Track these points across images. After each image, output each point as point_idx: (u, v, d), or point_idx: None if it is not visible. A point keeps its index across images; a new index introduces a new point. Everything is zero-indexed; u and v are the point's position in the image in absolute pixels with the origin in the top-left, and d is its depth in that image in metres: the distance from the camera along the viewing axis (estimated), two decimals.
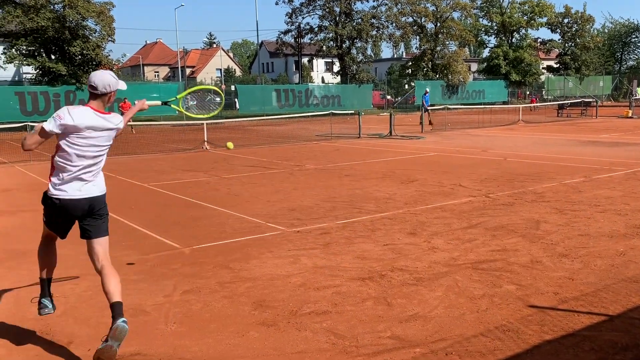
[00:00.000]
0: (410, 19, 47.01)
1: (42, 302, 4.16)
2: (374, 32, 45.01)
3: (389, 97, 53.06)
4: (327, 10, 43.75)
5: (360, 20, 43.79)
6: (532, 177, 11.09)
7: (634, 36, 63.03)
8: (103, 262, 4.01)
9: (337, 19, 43.93)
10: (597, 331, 4.09)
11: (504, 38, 52.91)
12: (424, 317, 4.41)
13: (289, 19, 45.42)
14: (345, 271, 5.57)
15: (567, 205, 8.37)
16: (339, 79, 47.96)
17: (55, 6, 30.90)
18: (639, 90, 40.40)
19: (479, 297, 4.79)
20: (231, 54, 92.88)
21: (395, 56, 76.89)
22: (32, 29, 29.94)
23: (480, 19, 54.21)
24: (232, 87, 46.74)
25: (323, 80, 66.57)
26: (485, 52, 61.30)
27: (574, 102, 37.10)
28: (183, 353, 3.92)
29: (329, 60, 61.82)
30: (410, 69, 50.58)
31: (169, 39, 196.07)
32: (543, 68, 56.07)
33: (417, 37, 50.14)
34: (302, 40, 46.94)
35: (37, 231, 7.84)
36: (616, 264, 5.60)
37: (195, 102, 4.89)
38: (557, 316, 4.36)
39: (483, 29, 54.99)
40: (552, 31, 54.93)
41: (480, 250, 6.17)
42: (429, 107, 28.08)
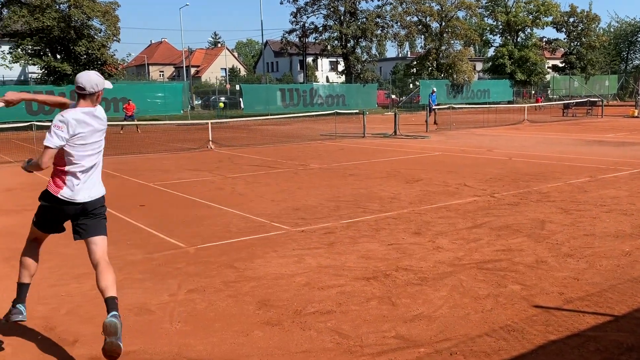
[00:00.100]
0: (415, 18, 46.98)
1: (17, 307, 4.04)
2: (379, 32, 44.97)
3: (393, 96, 53.04)
4: (331, 9, 43.75)
5: (364, 19, 43.76)
6: (537, 177, 11.06)
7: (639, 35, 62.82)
8: (99, 259, 3.94)
9: (342, 18, 43.92)
10: (603, 331, 4.08)
11: (509, 37, 52.75)
12: (429, 317, 4.40)
13: (294, 19, 45.49)
14: (349, 271, 5.57)
15: (572, 205, 8.35)
16: (343, 78, 47.97)
17: (61, 6, 31.02)
18: None
19: (483, 297, 4.78)
20: (236, 54, 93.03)
21: (400, 55, 76.88)
22: (37, 29, 30.06)
23: (486, 18, 54.11)
24: (237, 87, 46.87)
25: (327, 80, 66.59)
26: (490, 52, 61.21)
27: (579, 102, 36.96)
28: (188, 352, 3.93)
29: (334, 59, 61.89)
30: (415, 69, 50.54)
31: (174, 39, 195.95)
32: (548, 67, 55.91)
33: (422, 36, 50.07)
34: (306, 40, 46.97)
35: None
36: (622, 264, 5.58)
37: None
38: (562, 316, 4.34)
39: (488, 28, 54.84)
40: (558, 30, 54.77)
41: (485, 250, 6.15)
42: (435, 107, 28.04)
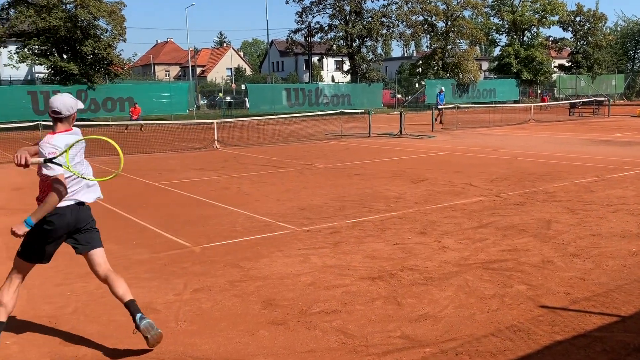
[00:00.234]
0: (421, 18, 46.87)
1: None
2: (384, 31, 44.90)
3: (399, 96, 52.99)
4: (337, 9, 43.72)
5: (370, 19, 43.70)
6: (543, 177, 11.02)
7: None
8: (106, 271, 3.99)
9: (347, 17, 43.88)
10: (609, 332, 4.06)
11: (515, 36, 52.58)
12: (434, 316, 4.40)
13: (299, 18, 45.49)
14: (355, 270, 5.57)
15: (578, 205, 8.32)
16: (349, 77, 47.91)
17: (67, 6, 31.17)
18: None
19: (489, 297, 4.78)
20: (241, 53, 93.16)
21: (406, 55, 76.79)
22: (44, 29, 30.20)
23: (492, 18, 53.97)
24: (243, 86, 46.90)
25: (333, 79, 66.58)
26: (496, 51, 60.98)
27: (586, 101, 36.82)
28: (193, 351, 3.94)
29: (339, 59, 61.83)
30: (420, 68, 50.45)
31: (180, 39, 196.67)
32: (555, 67, 55.69)
33: (428, 35, 50.02)
34: (312, 39, 46.94)
35: None
36: (628, 264, 5.55)
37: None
38: (568, 316, 4.33)
39: (494, 28, 54.69)
40: (564, 29, 54.55)
41: (491, 250, 6.14)
42: (442, 106, 28.01)
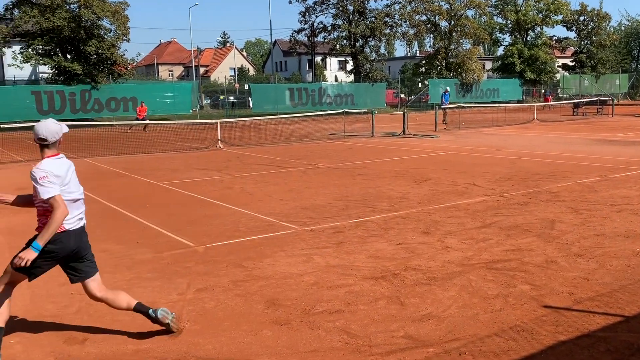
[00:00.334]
0: (424, 17, 46.83)
1: None
2: (388, 31, 44.87)
3: (402, 95, 52.94)
4: (340, 8, 43.71)
5: (373, 18, 43.69)
6: (547, 176, 11.00)
7: None
8: (103, 293, 4.07)
9: (351, 17, 43.87)
10: (613, 332, 4.05)
11: (518, 36, 52.48)
12: (438, 316, 4.39)
13: (303, 18, 45.50)
14: (358, 270, 5.56)
15: (582, 205, 8.29)
16: (352, 77, 47.91)
17: (71, 6, 31.22)
18: None
19: (493, 297, 4.77)
20: (245, 53, 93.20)
21: (409, 54, 76.73)
22: (48, 29, 30.27)
23: (495, 17, 53.88)
24: (246, 86, 46.94)
25: (336, 79, 66.57)
26: (500, 50, 60.90)
27: (589, 101, 36.70)
28: (196, 351, 3.94)
29: (342, 58, 61.77)
30: (423, 68, 50.40)
31: (183, 38, 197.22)
32: (558, 66, 55.57)
33: (431, 35, 49.94)
34: (315, 39, 46.95)
35: None
36: (632, 264, 5.54)
37: None
38: (572, 317, 4.32)
39: (497, 27, 54.61)
40: (568, 29, 54.40)
41: (495, 250, 6.13)
42: (446, 106, 28.00)
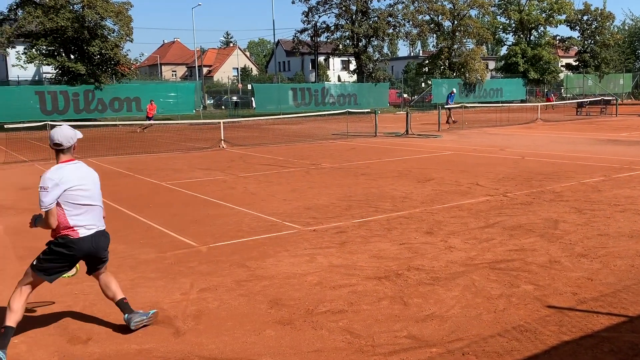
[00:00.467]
0: (427, 17, 46.76)
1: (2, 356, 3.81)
2: (391, 31, 44.84)
3: (405, 95, 52.88)
4: (343, 8, 43.69)
5: (376, 18, 43.66)
6: (550, 176, 10.98)
7: None
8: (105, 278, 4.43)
9: (354, 17, 43.85)
10: (617, 332, 4.04)
11: (522, 36, 52.37)
12: (441, 316, 4.39)
13: (306, 18, 45.46)
14: (361, 270, 5.56)
15: (586, 205, 8.28)
16: (355, 77, 47.87)
17: (75, 6, 31.28)
18: None
19: (496, 297, 4.76)
20: (248, 53, 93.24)
21: (412, 54, 76.62)
22: (51, 29, 30.34)
23: (498, 17, 53.75)
24: (249, 86, 46.93)
25: (339, 79, 66.55)
26: (503, 50, 60.79)
27: (593, 100, 36.62)
28: (200, 350, 3.95)
29: (346, 58, 61.72)
30: (427, 67, 50.32)
31: (186, 39, 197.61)
32: (562, 66, 55.42)
33: (434, 35, 49.86)
34: (318, 39, 46.92)
35: None
36: (636, 264, 5.52)
37: None
38: (575, 317, 4.31)
39: (501, 27, 54.50)
40: (571, 28, 54.24)
41: (498, 250, 6.12)
42: (450, 106, 28.01)
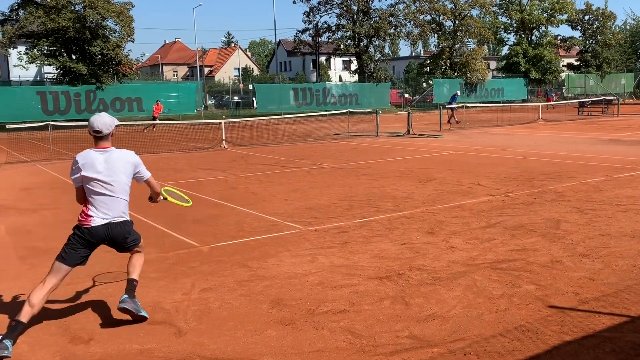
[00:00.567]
0: (429, 17, 46.77)
1: (3, 342, 3.83)
2: (392, 30, 44.80)
3: (406, 95, 52.87)
4: (344, 8, 43.68)
5: (378, 18, 43.63)
6: (552, 176, 10.96)
7: None
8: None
9: (355, 17, 43.84)
10: (619, 332, 4.04)
11: (523, 35, 52.32)
12: (442, 316, 4.39)
13: (307, 18, 45.46)
14: (362, 270, 5.56)
15: (587, 205, 8.27)
16: (356, 77, 47.87)
17: (76, 7, 31.32)
18: None
19: (497, 297, 4.76)
20: (249, 53, 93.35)
21: (413, 54, 76.64)
22: (53, 30, 30.38)
23: (500, 17, 53.73)
24: (250, 86, 46.94)
25: (340, 79, 66.54)
26: (505, 50, 60.72)
27: (595, 100, 36.56)
28: (201, 350, 3.95)
29: (347, 58, 61.74)
30: (428, 67, 50.33)
31: (188, 39, 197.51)
32: (563, 66, 55.37)
33: (435, 35, 49.85)
34: (319, 39, 46.93)
35: (58, 229, 7.92)
36: (638, 264, 5.51)
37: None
38: (577, 317, 4.31)
39: (502, 27, 54.46)
40: (573, 28, 54.21)
41: (499, 250, 6.12)
42: (451, 106, 28.03)
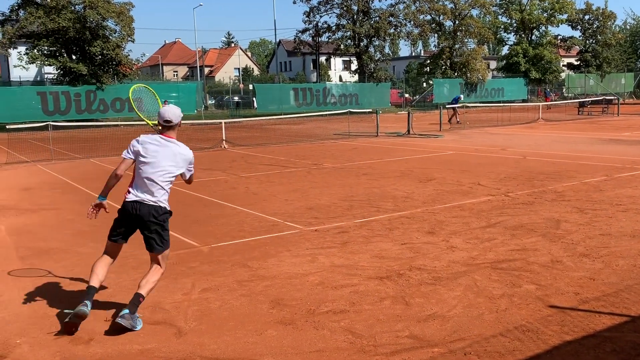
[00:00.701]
0: (429, 17, 46.76)
1: (85, 302, 4.36)
2: (392, 30, 44.80)
3: (406, 95, 52.87)
4: (344, 8, 43.69)
5: (378, 18, 43.64)
6: (552, 176, 10.96)
7: None
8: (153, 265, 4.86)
9: (355, 17, 43.85)
10: (619, 332, 4.03)
11: (523, 35, 52.32)
12: (443, 316, 4.39)
13: (307, 18, 45.47)
14: (363, 270, 5.56)
15: (588, 205, 8.27)
16: (356, 77, 47.87)
17: (76, 7, 31.33)
18: None
19: (498, 296, 4.76)
20: (249, 53, 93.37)
21: (413, 54, 76.65)
22: (53, 30, 30.39)
23: (500, 16, 53.74)
24: (250, 86, 46.96)
25: (341, 79, 66.53)
26: (505, 50, 60.73)
27: (595, 100, 36.55)
28: (201, 351, 3.95)
29: (347, 58, 61.76)
30: (428, 67, 50.32)
31: (188, 39, 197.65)
32: (563, 65, 55.36)
33: (436, 35, 49.86)
34: (319, 39, 46.94)
35: (59, 229, 7.93)
36: (638, 264, 5.51)
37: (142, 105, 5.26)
38: (577, 317, 4.30)
39: (502, 26, 54.47)
40: (573, 28, 54.20)
41: (500, 250, 6.12)
42: (451, 106, 28.08)
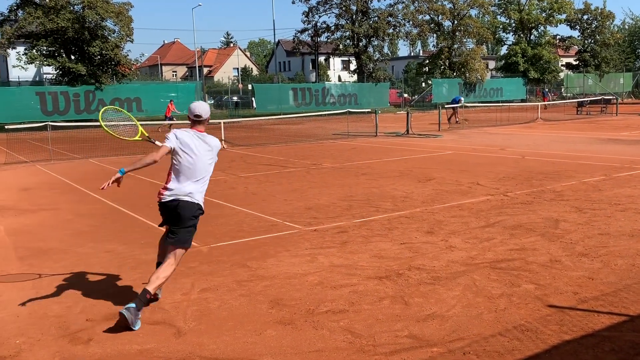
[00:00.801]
0: (427, 17, 46.76)
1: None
2: (391, 30, 44.84)
3: (405, 95, 52.87)
4: (343, 8, 43.70)
5: (377, 18, 43.67)
6: (550, 176, 10.97)
7: None
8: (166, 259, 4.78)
9: (354, 17, 43.86)
10: (618, 331, 4.04)
11: (522, 35, 52.35)
12: (442, 316, 4.39)
13: (306, 18, 45.47)
14: (362, 270, 5.57)
15: (586, 204, 8.28)
16: (355, 77, 47.89)
17: (75, 7, 31.30)
18: None
19: (497, 296, 4.76)
20: (248, 53, 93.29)
21: (412, 54, 76.64)
22: (52, 30, 30.35)
23: (498, 16, 53.76)
24: (249, 86, 46.96)
25: (340, 79, 66.56)
26: (503, 50, 60.78)
27: (593, 100, 36.58)
28: (201, 351, 3.95)
29: (346, 58, 61.75)
30: (427, 67, 50.32)
31: (187, 39, 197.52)
32: (562, 65, 55.39)
33: (434, 35, 49.84)
34: (318, 39, 46.94)
35: (58, 229, 7.93)
36: (637, 263, 5.52)
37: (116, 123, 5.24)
38: (576, 316, 4.31)
39: (501, 26, 54.49)
40: (572, 28, 54.24)
41: (499, 249, 6.12)
42: (451, 106, 28.11)
